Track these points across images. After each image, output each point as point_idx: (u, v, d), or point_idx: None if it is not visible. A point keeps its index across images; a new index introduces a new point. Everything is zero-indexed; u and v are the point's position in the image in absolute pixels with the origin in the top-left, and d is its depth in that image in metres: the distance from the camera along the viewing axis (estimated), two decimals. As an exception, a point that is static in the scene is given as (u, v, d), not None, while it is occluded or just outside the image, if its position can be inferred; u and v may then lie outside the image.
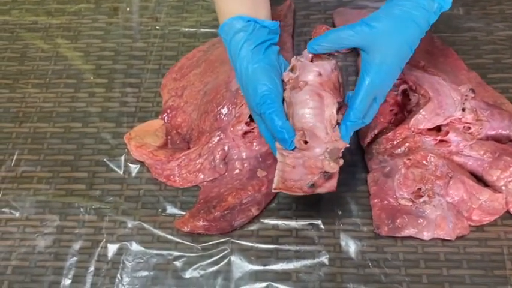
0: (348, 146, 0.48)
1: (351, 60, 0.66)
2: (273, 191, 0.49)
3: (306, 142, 0.48)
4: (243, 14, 0.51)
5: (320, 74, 0.49)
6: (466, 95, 0.56)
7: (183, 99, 0.63)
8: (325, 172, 0.48)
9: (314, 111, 0.48)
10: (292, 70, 0.51)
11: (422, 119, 0.55)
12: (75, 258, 0.53)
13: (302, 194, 0.48)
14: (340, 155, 0.48)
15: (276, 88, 0.49)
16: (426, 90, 0.56)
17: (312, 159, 0.48)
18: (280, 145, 0.49)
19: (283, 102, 0.50)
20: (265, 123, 0.50)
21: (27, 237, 0.55)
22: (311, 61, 0.50)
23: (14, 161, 0.60)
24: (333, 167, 0.48)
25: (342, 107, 0.50)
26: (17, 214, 0.56)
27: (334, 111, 0.49)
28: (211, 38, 0.69)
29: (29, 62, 0.68)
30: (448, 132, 0.55)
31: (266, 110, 0.48)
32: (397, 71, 0.49)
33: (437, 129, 0.56)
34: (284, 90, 0.50)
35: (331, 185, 0.49)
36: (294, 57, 0.51)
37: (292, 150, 0.48)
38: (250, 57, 0.50)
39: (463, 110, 0.55)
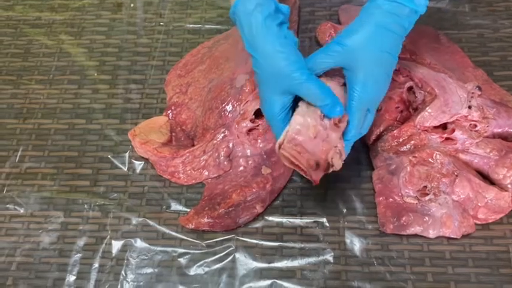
0: (344, 158, 0.48)
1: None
2: (276, 147, 0.47)
3: (337, 125, 0.47)
4: None
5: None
6: (473, 93, 0.56)
7: (188, 96, 0.63)
8: (329, 163, 0.47)
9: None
10: None
11: (428, 117, 0.55)
12: (79, 255, 0.53)
13: (299, 166, 0.47)
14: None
15: (305, 64, 0.48)
16: (432, 87, 0.56)
17: (330, 143, 0.47)
18: (319, 111, 0.47)
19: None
20: (282, 103, 0.48)
21: (31, 234, 0.55)
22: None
23: (18, 157, 0.60)
24: (338, 165, 0.48)
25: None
26: (22, 210, 0.56)
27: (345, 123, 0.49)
28: (216, 35, 0.69)
29: (32, 58, 0.68)
30: (454, 130, 0.55)
31: (304, 78, 0.46)
32: (385, 81, 0.49)
33: (443, 126, 0.56)
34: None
35: (318, 176, 0.48)
36: None
37: (323, 120, 0.47)
38: (276, 32, 0.47)
39: (469, 107, 0.55)
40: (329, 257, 0.52)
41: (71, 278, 0.52)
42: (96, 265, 0.53)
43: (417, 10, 0.48)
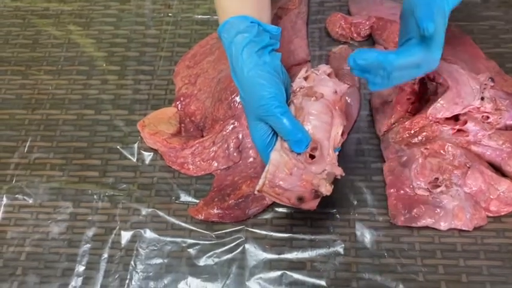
0: (343, 175, 0.48)
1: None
2: (255, 193, 0.47)
3: (312, 156, 0.47)
4: (247, 14, 0.49)
5: (335, 92, 0.49)
6: (485, 84, 0.55)
7: (197, 87, 0.62)
8: (316, 191, 0.47)
9: (324, 127, 0.48)
10: (306, 79, 0.50)
11: (440, 108, 0.54)
12: (88, 245, 0.53)
13: (284, 204, 0.47)
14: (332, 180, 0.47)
15: (281, 93, 0.48)
16: (445, 78, 0.55)
17: (310, 174, 0.46)
18: (288, 145, 0.47)
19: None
20: (264, 129, 0.48)
21: (40, 224, 0.55)
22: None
23: (27, 147, 0.60)
24: (328, 190, 0.47)
25: (343, 133, 0.49)
26: (31, 201, 0.56)
27: (340, 132, 0.48)
28: (225, 26, 0.68)
29: (41, 48, 0.68)
30: (466, 122, 0.54)
31: (276, 111, 0.46)
32: (440, 41, 0.46)
33: (455, 118, 0.55)
34: (293, 96, 0.49)
35: (313, 204, 0.48)
36: (306, 68, 0.51)
37: (298, 155, 0.47)
38: (254, 60, 0.48)
39: (482, 99, 0.54)
40: (339, 248, 0.52)
41: (80, 268, 0.52)
42: (105, 255, 0.52)
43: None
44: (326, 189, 0.47)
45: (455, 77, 0.55)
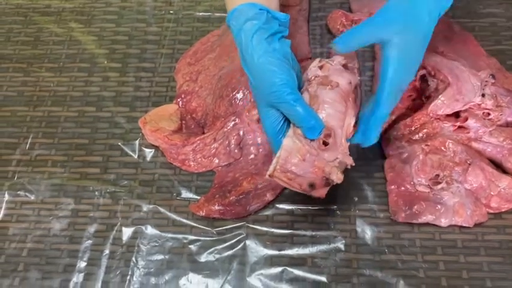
0: (353, 165, 0.48)
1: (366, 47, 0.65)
2: (267, 177, 0.47)
3: (325, 144, 0.47)
4: (255, 2, 0.49)
5: (350, 83, 0.49)
6: (486, 81, 0.55)
7: (198, 84, 0.62)
8: (328, 179, 0.47)
9: (338, 116, 0.48)
10: (321, 68, 0.50)
11: (441, 105, 0.54)
12: (90, 241, 0.53)
13: (296, 190, 0.47)
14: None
15: (293, 80, 0.48)
16: (445, 75, 0.55)
17: (323, 161, 0.47)
18: (302, 132, 0.47)
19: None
20: (275, 115, 0.48)
21: (42, 220, 0.55)
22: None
23: (28, 144, 0.60)
24: (339, 178, 0.47)
25: (354, 124, 0.49)
26: (32, 197, 0.56)
27: (352, 123, 0.48)
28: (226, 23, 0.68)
29: (42, 46, 0.68)
30: (467, 118, 0.54)
31: (288, 98, 0.46)
32: (417, 61, 0.49)
33: (456, 115, 0.55)
34: (307, 84, 0.49)
35: (323, 192, 0.48)
36: (319, 59, 0.51)
37: (311, 141, 0.47)
38: (264, 47, 0.48)
39: (483, 95, 0.54)
40: (340, 245, 0.52)
41: (82, 265, 0.52)
42: (106, 252, 0.53)
43: (444, 5, 0.49)
44: (337, 177, 0.47)
45: (456, 74, 0.55)
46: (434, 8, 0.48)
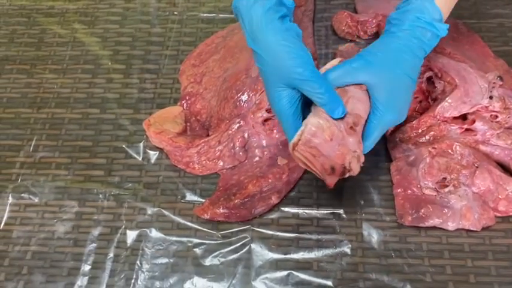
0: (362, 165, 0.47)
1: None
2: (289, 148, 0.45)
3: (353, 129, 0.46)
4: None
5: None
6: (494, 83, 0.54)
7: (202, 86, 0.62)
8: (345, 168, 0.46)
9: (364, 114, 0.48)
10: None
11: (448, 107, 0.54)
12: (94, 245, 0.53)
13: (313, 170, 0.46)
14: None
15: (310, 58, 0.46)
16: (452, 77, 0.55)
17: (346, 147, 0.46)
18: (325, 109, 0.46)
19: None
20: (290, 95, 0.47)
21: (46, 223, 0.55)
22: None
23: (32, 146, 0.60)
24: (357, 169, 0.46)
25: None
26: (36, 200, 0.56)
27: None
28: (230, 24, 0.68)
29: (46, 47, 0.68)
30: (474, 121, 0.54)
31: (313, 76, 0.45)
32: (406, 104, 0.49)
33: (463, 117, 0.55)
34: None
35: (334, 180, 0.47)
36: (340, 58, 0.51)
37: (338, 122, 0.46)
38: (278, 26, 0.46)
39: (491, 98, 0.54)
40: (346, 248, 0.52)
41: (86, 268, 0.52)
42: (111, 255, 0.52)
43: (439, 34, 0.49)
44: (355, 166, 0.46)
45: (463, 76, 0.55)
46: (417, 48, 0.48)
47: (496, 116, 0.54)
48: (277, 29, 0.46)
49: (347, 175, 0.47)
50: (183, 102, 0.61)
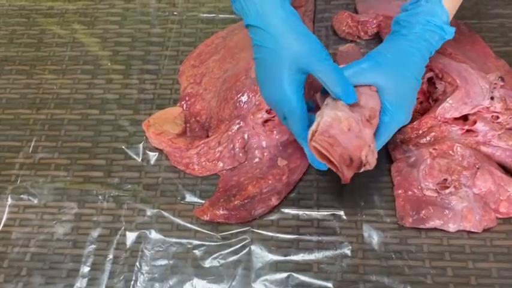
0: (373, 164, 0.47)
1: (373, 48, 0.64)
2: (308, 137, 0.44)
3: (369, 122, 0.46)
4: None
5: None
6: (495, 83, 0.54)
7: (202, 87, 0.62)
8: (362, 161, 0.45)
9: (376, 111, 0.47)
10: None
11: (449, 108, 0.54)
12: (93, 246, 0.53)
13: (332, 161, 0.44)
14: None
15: (319, 42, 0.46)
16: (453, 78, 0.54)
17: (363, 139, 0.45)
18: (338, 94, 0.45)
19: None
20: (299, 81, 0.46)
21: (45, 224, 0.54)
22: None
23: (31, 147, 0.60)
24: (373, 162, 0.46)
25: None
26: (35, 201, 0.56)
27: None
28: (230, 24, 0.68)
29: (45, 48, 0.68)
30: (475, 122, 0.54)
31: (327, 62, 0.45)
32: (412, 102, 0.49)
33: (464, 118, 0.55)
34: None
35: (351, 174, 0.46)
36: None
37: (356, 111, 0.45)
38: (286, 10, 0.45)
39: (492, 98, 0.54)
40: (346, 250, 0.51)
41: (85, 269, 0.52)
42: (110, 256, 0.52)
43: (446, 37, 0.49)
44: (373, 160, 0.45)
45: (464, 76, 0.55)
46: (426, 50, 0.49)
47: (497, 117, 0.54)
48: (287, 12, 0.46)
49: (362, 169, 0.46)
50: (183, 103, 0.61)
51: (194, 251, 0.52)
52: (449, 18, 0.50)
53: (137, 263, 0.52)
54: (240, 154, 0.56)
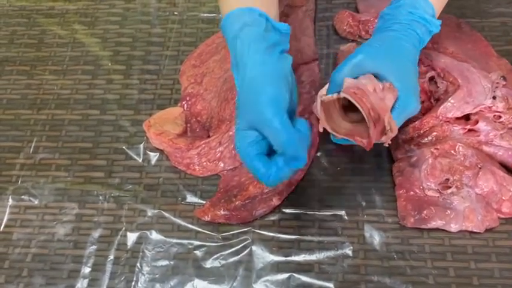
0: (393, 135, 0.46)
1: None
2: (318, 96, 0.43)
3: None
4: (254, 6, 0.44)
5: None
6: (497, 83, 0.54)
7: (203, 87, 0.62)
8: (385, 127, 0.44)
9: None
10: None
11: (451, 107, 0.53)
12: (94, 247, 0.53)
13: (364, 111, 0.43)
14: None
15: (284, 100, 0.42)
16: (455, 77, 0.54)
17: (386, 105, 0.44)
18: (284, 158, 0.43)
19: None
20: (253, 136, 0.43)
21: (46, 225, 0.54)
22: None
23: (32, 148, 0.60)
24: (395, 129, 0.45)
25: None
26: (36, 202, 0.56)
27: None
28: (231, 24, 0.68)
29: (46, 48, 0.68)
30: (477, 121, 0.53)
31: (273, 120, 0.41)
32: (416, 89, 0.48)
33: (466, 117, 0.54)
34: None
35: (376, 136, 0.45)
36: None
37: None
38: (261, 58, 0.42)
39: (494, 98, 0.53)
40: (348, 250, 0.51)
41: (86, 270, 0.52)
42: (111, 257, 0.52)
43: (431, 30, 0.49)
44: (395, 127, 0.45)
45: (466, 76, 0.54)
46: (415, 39, 0.48)
47: (500, 116, 0.53)
48: (260, 62, 0.43)
49: (384, 138, 0.45)
50: (184, 103, 0.61)
51: (195, 252, 0.52)
52: (436, 12, 0.49)
53: (138, 264, 0.51)
54: (241, 154, 0.56)
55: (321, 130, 0.48)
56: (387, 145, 0.47)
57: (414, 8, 0.48)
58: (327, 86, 0.48)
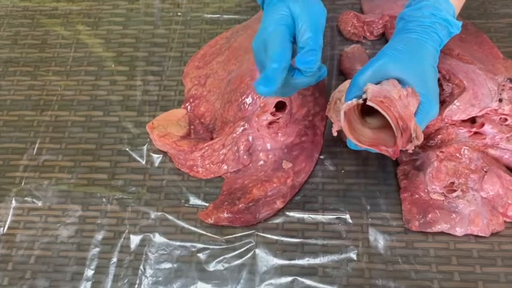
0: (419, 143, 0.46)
1: (379, 48, 0.64)
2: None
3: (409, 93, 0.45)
4: None
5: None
6: (503, 85, 0.53)
7: (206, 88, 0.61)
8: (411, 135, 0.44)
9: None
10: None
11: (457, 110, 0.53)
12: (97, 249, 0.53)
13: (391, 119, 0.43)
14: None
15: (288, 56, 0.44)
16: (461, 79, 0.54)
17: (410, 112, 0.44)
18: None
19: None
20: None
21: (49, 227, 0.54)
22: None
23: (35, 149, 0.60)
24: (421, 137, 0.44)
25: None
26: (40, 203, 0.56)
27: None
28: (234, 25, 0.67)
29: (49, 49, 0.67)
30: (483, 124, 0.53)
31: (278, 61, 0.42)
32: (436, 93, 0.48)
33: (472, 120, 0.54)
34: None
35: (403, 144, 0.44)
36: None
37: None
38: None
39: (500, 100, 0.53)
40: (352, 254, 0.51)
41: (89, 273, 0.51)
42: (114, 259, 0.52)
43: (452, 31, 0.49)
44: (420, 134, 0.45)
45: (472, 78, 0.54)
46: (436, 42, 0.48)
47: (506, 119, 0.53)
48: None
49: (410, 145, 0.45)
50: (187, 104, 0.61)
51: (198, 255, 0.52)
52: (456, 13, 0.49)
53: (141, 266, 0.51)
54: (245, 156, 0.56)
55: (335, 134, 0.48)
56: (411, 151, 0.47)
57: (437, 10, 0.48)
58: (338, 89, 0.47)
